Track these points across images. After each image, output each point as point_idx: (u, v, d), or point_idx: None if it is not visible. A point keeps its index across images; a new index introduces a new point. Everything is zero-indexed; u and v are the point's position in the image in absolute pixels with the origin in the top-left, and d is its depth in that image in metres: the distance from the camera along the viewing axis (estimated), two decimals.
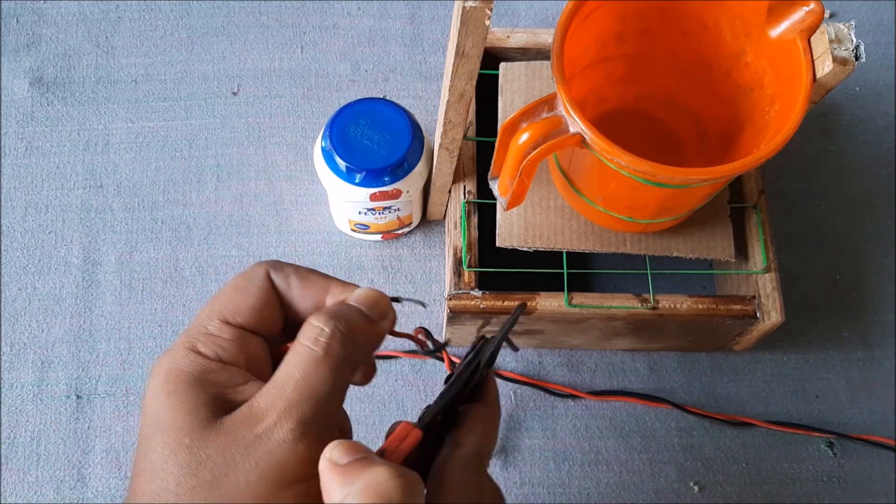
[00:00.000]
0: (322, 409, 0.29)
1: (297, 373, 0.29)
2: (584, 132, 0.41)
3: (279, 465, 0.28)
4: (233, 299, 0.32)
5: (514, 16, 0.71)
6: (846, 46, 0.41)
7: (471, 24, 0.38)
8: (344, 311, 0.31)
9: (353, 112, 0.52)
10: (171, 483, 0.27)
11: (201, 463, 0.28)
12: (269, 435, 0.28)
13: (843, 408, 0.60)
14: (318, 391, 0.29)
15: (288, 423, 0.28)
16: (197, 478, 0.27)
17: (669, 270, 0.54)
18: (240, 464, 0.28)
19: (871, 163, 0.67)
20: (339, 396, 0.30)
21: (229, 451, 0.28)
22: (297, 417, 0.28)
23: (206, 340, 0.31)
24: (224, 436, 0.28)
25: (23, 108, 0.65)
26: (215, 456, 0.28)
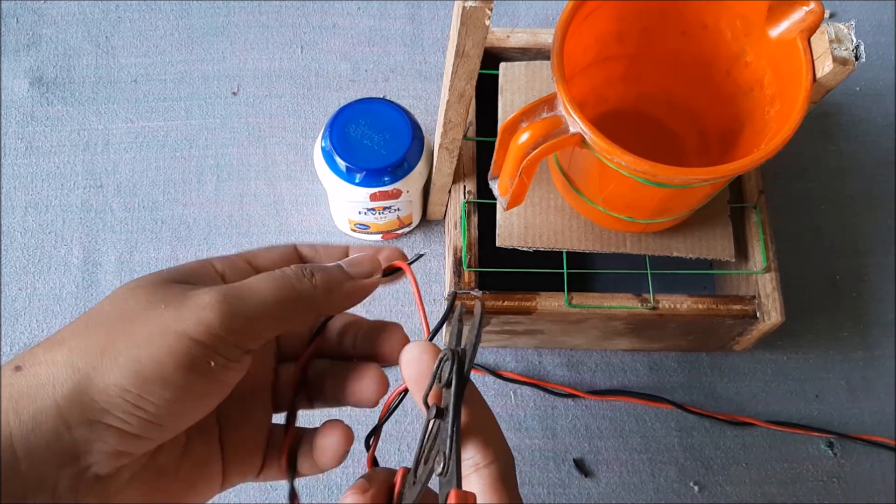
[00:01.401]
0: (253, 307, 0.30)
1: (252, 280, 0.31)
2: (584, 132, 0.41)
3: (182, 316, 0.28)
4: (256, 251, 0.35)
5: (514, 16, 0.71)
6: (846, 46, 0.41)
7: (471, 24, 0.38)
8: (321, 264, 0.33)
9: (353, 112, 0.52)
10: (96, 307, 0.29)
11: (126, 299, 0.29)
12: (193, 295, 0.29)
13: (843, 408, 0.60)
14: (258, 294, 0.30)
15: (217, 293, 0.29)
16: (113, 307, 0.29)
17: (669, 270, 0.54)
18: (154, 305, 0.29)
19: (871, 163, 0.67)
20: (278, 316, 0.31)
21: (155, 293, 0.29)
22: (227, 294, 0.29)
23: (223, 261, 0.33)
24: (161, 288, 0.30)
25: (23, 108, 0.65)
26: (142, 295, 0.29)
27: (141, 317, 0.28)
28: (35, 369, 0.27)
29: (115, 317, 0.29)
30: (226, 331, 0.28)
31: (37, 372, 0.27)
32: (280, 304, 0.30)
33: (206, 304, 0.28)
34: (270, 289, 0.30)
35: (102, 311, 0.29)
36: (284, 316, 0.31)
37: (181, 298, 0.29)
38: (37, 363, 0.27)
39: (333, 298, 0.32)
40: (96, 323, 0.29)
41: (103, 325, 0.28)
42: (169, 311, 0.28)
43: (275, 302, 0.30)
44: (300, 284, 0.31)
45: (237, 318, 0.29)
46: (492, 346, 0.60)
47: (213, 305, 0.28)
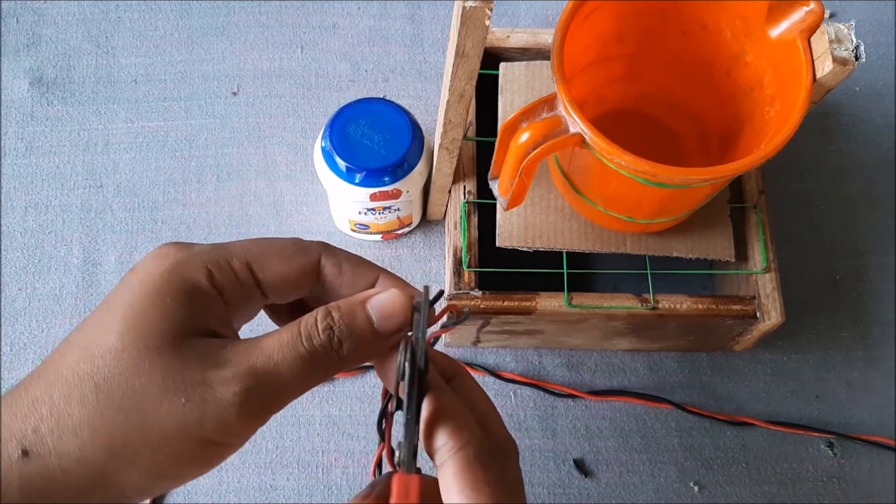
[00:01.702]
0: (275, 395, 0.29)
1: (277, 354, 0.28)
2: (584, 132, 0.41)
3: (202, 420, 0.27)
4: (270, 255, 0.31)
5: (514, 16, 0.71)
6: (846, 46, 0.41)
7: (471, 24, 0.38)
8: (352, 323, 0.30)
9: (353, 112, 0.52)
10: (101, 375, 0.27)
11: (140, 373, 0.27)
12: (214, 385, 0.27)
13: (843, 408, 0.60)
14: (283, 380, 0.28)
15: (240, 385, 0.27)
16: (126, 383, 0.27)
17: (669, 270, 0.54)
18: (171, 394, 0.27)
19: (871, 163, 0.67)
20: (299, 392, 0.30)
21: (171, 376, 0.27)
22: (250, 388, 0.27)
23: (223, 270, 0.30)
24: (178, 357, 0.27)
25: (23, 108, 0.65)
26: (156, 373, 0.27)
27: (159, 409, 0.27)
28: (46, 460, 0.26)
29: (130, 402, 0.27)
30: (247, 427, 0.28)
31: (47, 464, 0.26)
32: (304, 385, 0.29)
33: (229, 406, 0.27)
34: (298, 373, 0.29)
35: (112, 380, 0.27)
36: (306, 390, 0.30)
37: (202, 390, 0.27)
38: (46, 452, 0.26)
39: (358, 363, 0.31)
40: (109, 406, 0.27)
41: (117, 412, 0.27)
42: (189, 410, 0.27)
43: (301, 384, 0.29)
44: (328, 360, 0.30)
45: (259, 410, 0.28)
46: (492, 346, 0.60)
47: (237, 407, 0.27)
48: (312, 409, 0.57)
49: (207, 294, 0.30)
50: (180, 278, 0.29)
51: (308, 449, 0.56)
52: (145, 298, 0.28)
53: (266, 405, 0.28)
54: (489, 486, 0.29)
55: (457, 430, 0.30)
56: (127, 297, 0.28)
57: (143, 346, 0.27)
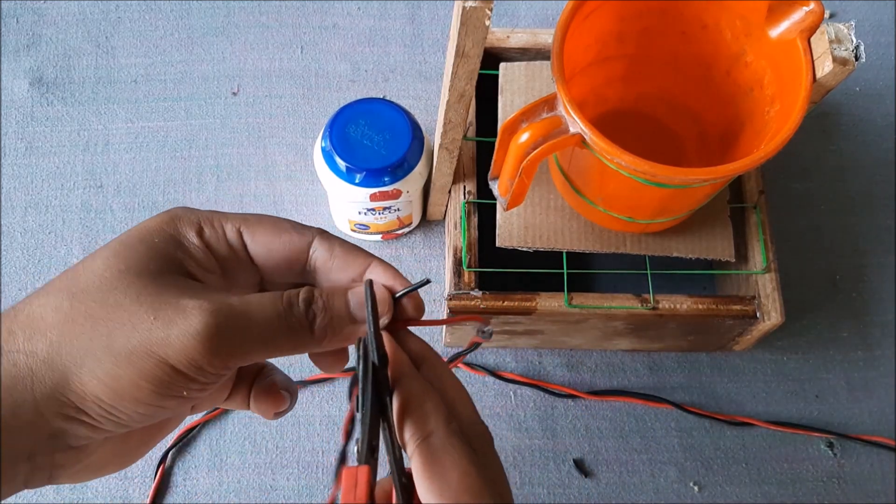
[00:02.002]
0: (242, 338, 0.29)
1: (254, 302, 0.29)
2: (584, 132, 0.41)
3: (168, 339, 0.27)
4: (264, 227, 0.32)
5: (514, 16, 0.71)
6: (846, 46, 0.41)
7: (471, 24, 0.38)
8: (329, 302, 0.31)
9: (353, 112, 0.52)
10: (82, 281, 0.28)
11: (115, 288, 0.28)
12: (186, 308, 0.28)
13: (843, 408, 0.60)
14: (253, 325, 0.29)
15: (210, 315, 0.28)
16: (100, 294, 0.28)
17: (669, 270, 0.54)
18: (142, 310, 0.28)
19: (871, 163, 0.67)
20: (264, 349, 0.30)
21: (145, 296, 0.28)
22: (220, 322, 0.28)
23: (214, 229, 0.31)
24: (154, 284, 0.28)
25: (23, 108, 0.65)
26: (131, 293, 0.28)
27: (127, 323, 0.27)
28: (14, 357, 0.27)
29: (101, 314, 0.28)
30: (208, 363, 0.28)
31: (16, 360, 0.27)
32: (272, 343, 0.30)
33: (195, 333, 0.27)
34: (267, 326, 0.29)
35: (88, 295, 0.28)
36: (272, 352, 0.30)
37: (172, 311, 0.28)
38: (16, 349, 0.27)
39: (328, 343, 0.31)
40: (80, 315, 0.28)
41: (87, 321, 0.28)
42: (156, 328, 0.27)
43: (268, 339, 0.29)
44: (300, 328, 0.30)
45: (224, 349, 0.28)
46: (492, 347, 0.60)
47: (201, 334, 0.27)
48: (312, 409, 0.57)
49: (193, 244, 0.31)
50: (172, 227, 0.31)
51: (308, 449, 0.56)
52: (136, 237, 0.30)
53: (231, 345, 0.28)
54: (458, 472, 0.28)
55: (421, 419, 0.29)
56: (121, 237, 0.30)
57: (124, 268, 0.29)
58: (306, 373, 0.58)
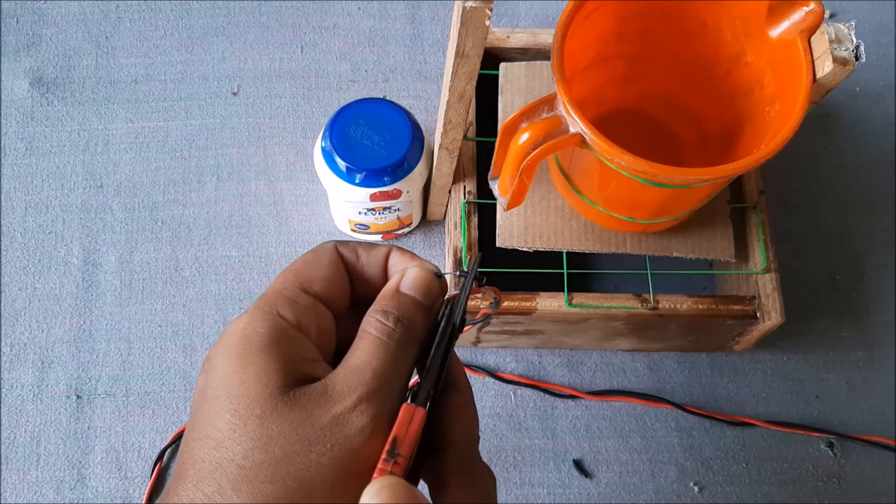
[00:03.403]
0: (395, 401, 0.29)
1: (375, 361, 0.29)
2: (584, 132, 0.41)
3: (353, 452, 0.27)
4: (306, 269, 0.32)
5: (514, 16, 0.71)
6: (846, 46, 0.41)
7: (471, 24, 0.38)
8: (404, 305, 0.31)
9: (353, 112, 0.52)
10: (237, 454, 0.26)
11: (272, 438, 0.27)
12: (346, 419, 0.27)
13: (843, 408, 0.60)
14: (394, 382, 0.29)
15: (369, 410, 0.28)
16: (266, 453, 0.26)
17: (669, 270, 0.54)
18: (313, 445, 0.27)
19: (871, 163, 0.67)
20: (403, 383, 0.30)
21: (303, 429, 0.27)
22: (378, 406, 0.28)
23: (285, 304, 0.30)
24: (298, 412, 0.27)
25: (23, 108, 0.65)
26: (288, 433, 0.27)
27: (310, 466, 0.27)
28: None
29: (279, 469, 0.26)
30: (381, 444, 0.28)
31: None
32: (402, 374, 0.30)
33: (366, 425, 0.27)
34: (397, 366, 0.30)
35: (253, 457, 0.27)
36: (405, 380, 0.31)
37: (337, 427, 0.27)
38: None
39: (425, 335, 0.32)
40: (261, 479, 0.26)
41: (273, 483, 0.26)
42: (337, 451, 0.27)
43: (401, 375, 0.30)
44: (411, 342, 0.31)
45: (386, 417, 0.29)
46: (492, 347, 0.60)
47: (371, 425, 0.28)
48: None
49: (290, 334, 0.29)
50: (258, 333, 0.29)
51: None
52: (232, 371, 0.28)
53: (391, 414, 0.29)
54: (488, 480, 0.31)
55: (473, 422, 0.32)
56: (215, 378, 0.28)
57: (259, 414, 0.27)
58: None
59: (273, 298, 0.30)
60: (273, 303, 0.30)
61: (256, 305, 0.30)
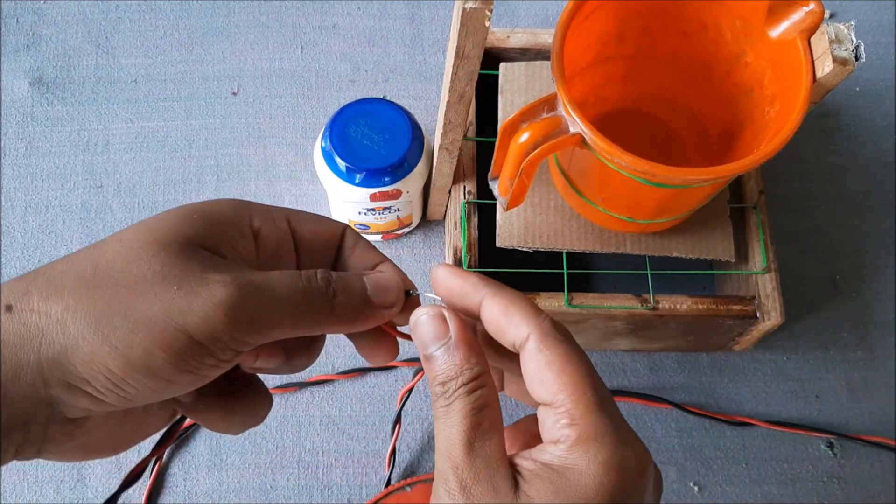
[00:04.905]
0: (264, 312, 0.29)
1: (276, 277, 0.29)
2: (584, 132, 0.41)
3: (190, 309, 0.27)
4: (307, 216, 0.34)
5: (514, 16, 0.71)
6: (846, 46, 0.41)
7: (471, 25, 0.38)
8: (347, 282, 0.32)
9: (353, 112, 0.52)
10: (108, 250, 0.28)
11: (140, 259, 0.28)
12: (210, 280, 0.28)
13: (843, 408, 0.60)
14: (275, 298, 0.29)
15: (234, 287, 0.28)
16: (124, 264, 0.28)
17: (669, 270, 0.54)
18: (165, 282, 0.27)
19: (871, 163, 0.67)
20: (286, 325, 0.30)
21: (169, 269, 0.28)
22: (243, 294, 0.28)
23: (266, 217, 0.32)
24: (180, 257, 0.28)
25: (23, 108, 0.65)
26: (156, 264, 0.28)
27: (149, 292, 0.27)
28: (26, 316, 0.26)
29: (124, 282, 0.27)
30: (229, 336, 0.28)
31: (27, 320, 0.26)
32: (293, 319, 0.30)
33: (218, 303, 0.27)
34: (288, 300, 0.29)
35: (113, 265, 0.28)
36: (292, 329, 0.30)
37: (196, 283, 0.27)
38: (29, 309, 0.27)
39: (345, 322, 0.32)
40: (102, 282, 0.27)
41: (108, 288, 0.27)
42: (178, 298, 0.27)
43: (289, 313, 0.29)
44: (320, 303, 0.30)
45: (245, 324, 0.28)
46: None
47: (224, 305, 0.27)
48: (312, 409, 0.57)
49: (238, 228, 0.31)
50: (217, 208, 0.31)
51: (308, 449, 0.56)
52: (174, 212, 0.30)
53: (252, 318, 0.28)
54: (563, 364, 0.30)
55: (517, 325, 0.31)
56: (163, 212, 0.30)
57: (152, 240, 0.28)
58: (306, 373, 0.58)
59: (266, 207, 0.33)
60: (262, 209, 0.32)
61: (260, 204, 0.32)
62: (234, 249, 0.31)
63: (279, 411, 0.57)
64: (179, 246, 0.28)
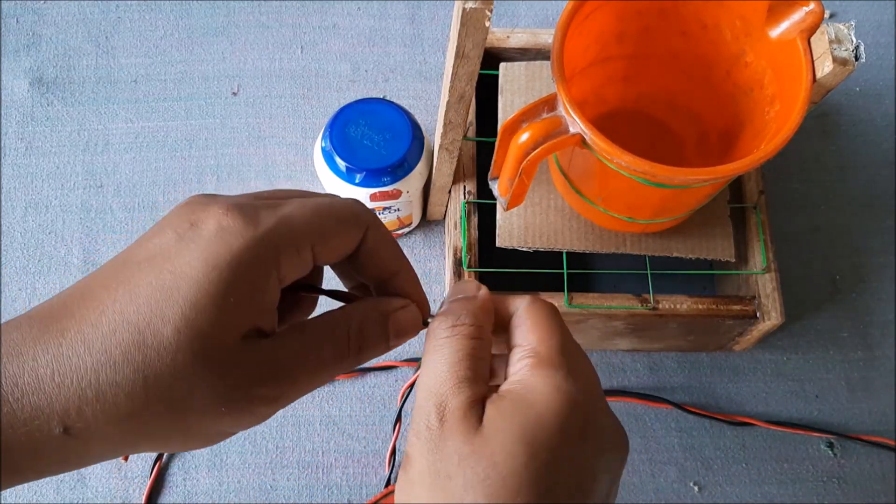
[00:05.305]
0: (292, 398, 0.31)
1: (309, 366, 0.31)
2: (584, 132, 0.41)
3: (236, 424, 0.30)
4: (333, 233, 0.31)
5: (514, 16, 0.71)
6: (846, 47, 0.41)
7: (471, 25, 0.38)
8: (371, 338, 0.32)
9: (353, 112, 0.52)
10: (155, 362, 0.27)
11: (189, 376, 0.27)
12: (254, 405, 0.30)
13: (843, 408, 0.60)
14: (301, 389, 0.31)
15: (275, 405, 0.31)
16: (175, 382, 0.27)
17: (669, 270, 0.54)
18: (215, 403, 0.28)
19: (871, 163, 0.67)
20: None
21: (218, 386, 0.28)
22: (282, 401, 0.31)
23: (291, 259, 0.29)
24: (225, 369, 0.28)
25: (23, 108, 0.65)
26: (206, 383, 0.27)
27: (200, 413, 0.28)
28: (87, 444, 0.27)
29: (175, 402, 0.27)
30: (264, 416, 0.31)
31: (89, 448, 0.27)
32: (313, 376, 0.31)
33: (262, 416, 0.30)
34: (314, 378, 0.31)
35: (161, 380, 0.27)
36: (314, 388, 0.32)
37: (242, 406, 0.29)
38: (89, 436, 0.27)
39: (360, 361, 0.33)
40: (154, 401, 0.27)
41: (162, 414, 0.27)
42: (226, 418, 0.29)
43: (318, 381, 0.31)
44: (342, 360, 0.31)
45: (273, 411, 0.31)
46: None
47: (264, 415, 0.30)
48: (312, 409, 0.57)
49: (272, 290, 0.29)
50: (251, 274, 0.28)
51: (308, 449, 0.56)
52: (209, 294, 0.27)
53: (283, 396, 0.31)
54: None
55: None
56: (190, 283, 0.27)
57: (198, 349, 0.27)
58: None
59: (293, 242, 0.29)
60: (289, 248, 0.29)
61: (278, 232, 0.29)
62: (269, 313, 0.29)
63: (279, 411, 0.57)
64: (223, 352, 0.27)
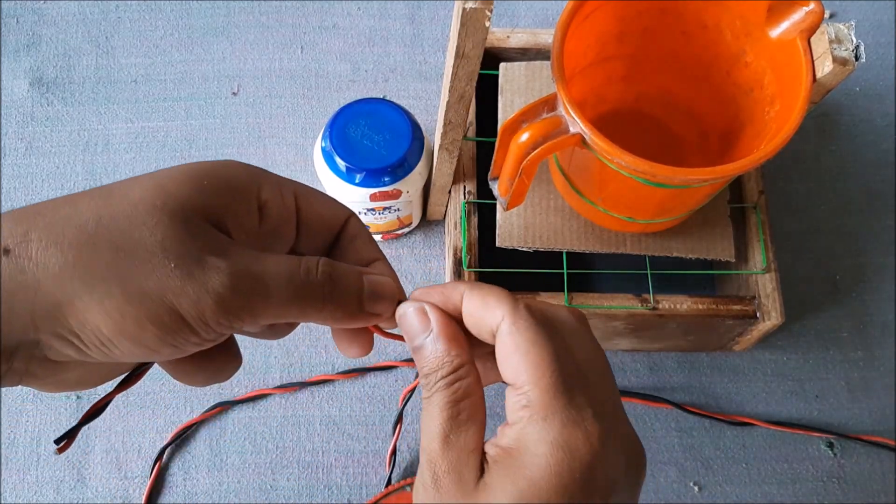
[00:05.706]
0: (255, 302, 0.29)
1: (272, 268, 0.29)
2: (584, 132, 0.41)
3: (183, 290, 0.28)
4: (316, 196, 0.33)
5: (514, 16, 0.71)
6: (846, 46, 0.41)
7: (471, 25, 0.38)
8: (347, 280, 0.31)
9: (353, 112, 0.52)
10: (114, 208, 0.28)
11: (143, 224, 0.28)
12: (207, 266, 0.28)
13: (843, 408, 0.60)
14: (267, 291, 0.29)
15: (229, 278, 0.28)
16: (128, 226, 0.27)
17: (669, 270, 0.54)
18: (164, 255, 0.27)
19: (871, 163, 0.67)
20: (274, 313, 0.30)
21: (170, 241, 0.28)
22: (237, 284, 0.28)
23: (275, 190, 0.31)
24: (183, 231, 0.28)
25: (23, 108, 0.65)
26: (158, 233, 0.28)
27: (147, 263, 0.27)
28: (24, 263, 0.26)
29: (124, 245, 0.27)
30: (216, 322, 0.28)
31: (24, 267, 0.26)
32: (283, 309, 0.30)
33: (211, 290, 0.27)
34: (284, 293, 0.29)
35: (116, 223, 0.27)
36: (280, 317, 0.30)
37: (193, 264, 0.27)
38: (27, 256, 0.26)
39: (333, 320, 0.32)
40: (102, 240, 0.27)
41: (108, 250, 0.27)
42: (174, 277, 0.27)
43: (280, 306, 0.29)
44: (312, 296, 0.30)
45: (234, 312, 0.28)
46: None
47: (217, 294, 0.27)
48: (312, 409, 0.57)
49: (247, 200, 0.30)
50: (229, 174, 0.30)
51: (308, 449, 0.56)
52: (187, 173, 0.29)
53: (244, 307, 0.29)
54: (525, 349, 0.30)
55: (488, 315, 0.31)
56: (175, 168, 0.29)
57: (159, 205, 0.28)
58: (306, 373, 0.58)
59: (278, 179, 0.32)
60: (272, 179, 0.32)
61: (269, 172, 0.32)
62: (237, 221, 0.30)
63: (279, 411, 0.57)
64: (184, 217, 0.28)
